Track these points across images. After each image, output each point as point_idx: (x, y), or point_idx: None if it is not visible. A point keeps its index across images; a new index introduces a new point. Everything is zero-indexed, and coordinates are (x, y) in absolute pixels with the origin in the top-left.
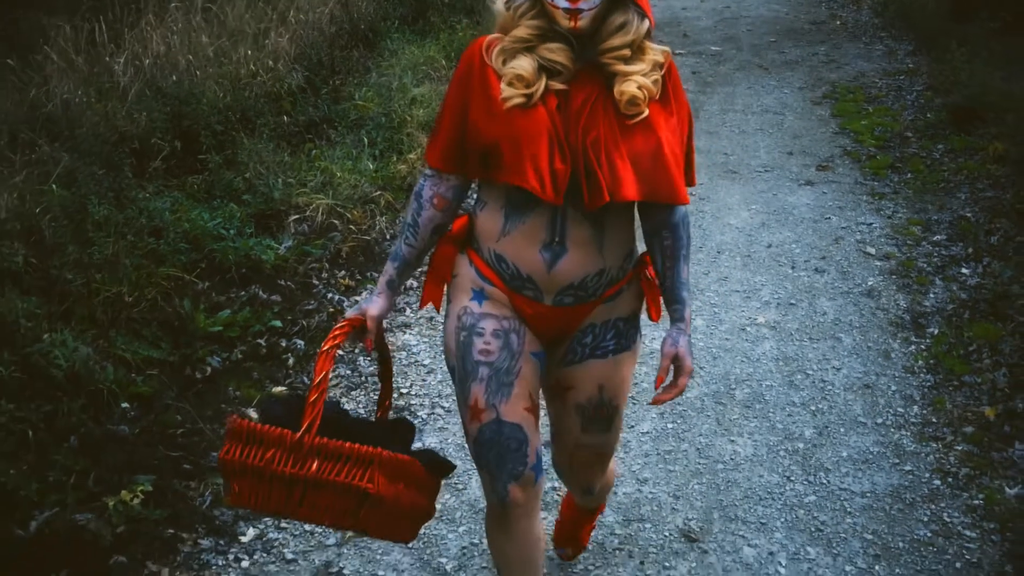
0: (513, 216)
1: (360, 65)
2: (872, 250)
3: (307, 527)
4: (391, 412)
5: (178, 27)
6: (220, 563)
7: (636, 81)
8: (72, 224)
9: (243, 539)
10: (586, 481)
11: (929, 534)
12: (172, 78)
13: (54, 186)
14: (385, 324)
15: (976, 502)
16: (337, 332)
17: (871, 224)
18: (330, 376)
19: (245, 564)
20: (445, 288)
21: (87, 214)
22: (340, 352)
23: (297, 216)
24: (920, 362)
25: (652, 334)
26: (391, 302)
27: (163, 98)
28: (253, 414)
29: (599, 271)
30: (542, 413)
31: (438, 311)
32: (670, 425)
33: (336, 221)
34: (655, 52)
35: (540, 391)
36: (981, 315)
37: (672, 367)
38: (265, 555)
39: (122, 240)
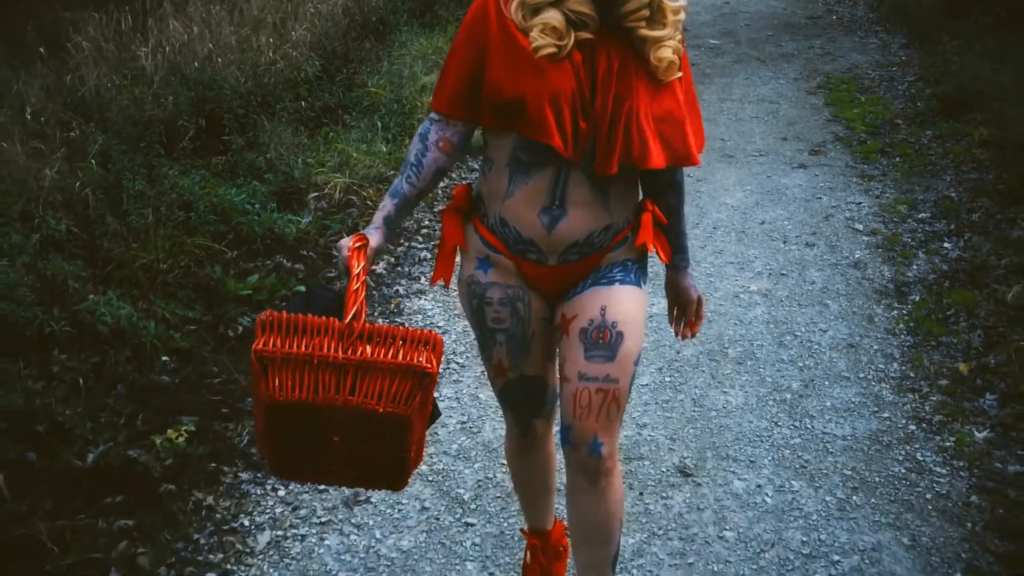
0: (517, 176)
1: (372, 54)
2: (860, 226)
3: None
4: None
5: (200, 17)
6: (258, 492)
7: (671, 46)
8: (108, 198)
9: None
10: (589, 429)
11: (903, 471)
12: (195, 65)
13: (92, 162)
14: (401, 291)
15: (947, 444)
16: (358, 243)
17: (860, 203)
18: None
19: (281, 493)
20: (457, 259)
21: (122, 188)
22: None
23: (316, 194)
24: (901, 325)
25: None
26: (387, 239)
27: (187, 83)
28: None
29: (605, 226)
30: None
31: (447, 287)
32: (667, 379)
33: (353, 198)
34: (674, 11)
35: (556, 347)
36: (960, 284)
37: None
38: (299, 485)
39: (155, 213)
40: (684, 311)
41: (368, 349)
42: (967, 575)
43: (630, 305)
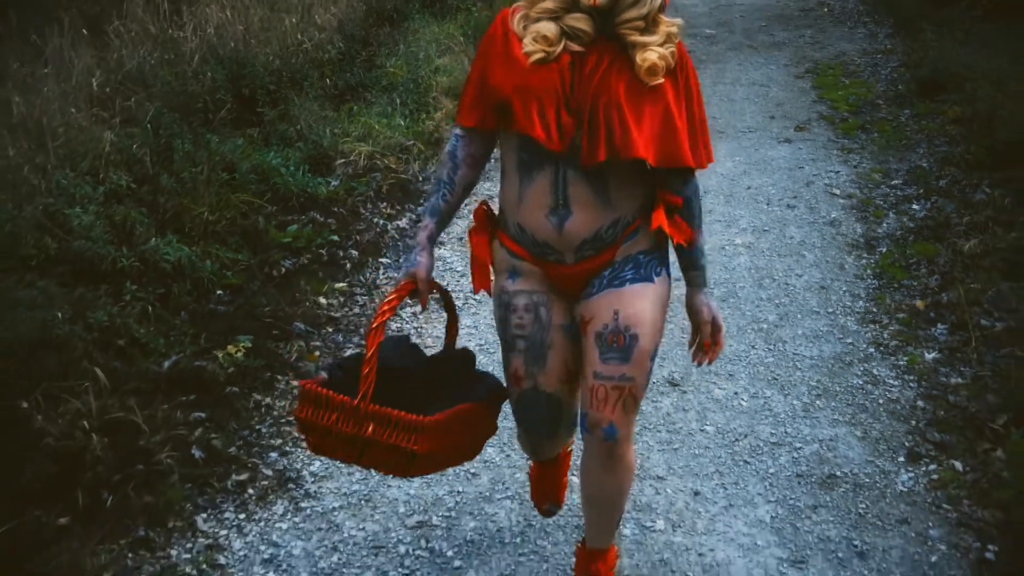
0: (524, 179)
1: (389, 38)
2: (837, 191)
3: None
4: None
5: (232, 3)
6: None
7: (656, 51)
8: (161, 158)
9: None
10: (604, 418)
11: (861, 382)
12: (231, 45)
13: (148, 127)
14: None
15: (901, 363)
16: (385, 308)
17: (838, 172)
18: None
19: None
20: (491, 271)
21: (172, 151)
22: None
23: (343, 160)
24: (868, 271)
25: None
26: (433, 255)
27: (222, 62)
28: (323, 374)
29: (612, 222)
30: None
31: (490, 295)
32: None
33: (377, 163)
34: (668, 24)
35: (574, 358)
36: (923, 238)
37: (713, 330)
38: None
39: (203, 172)
40: (698, 332)
41: (371, 427)
42: (909, 459)
43: (642, 304)
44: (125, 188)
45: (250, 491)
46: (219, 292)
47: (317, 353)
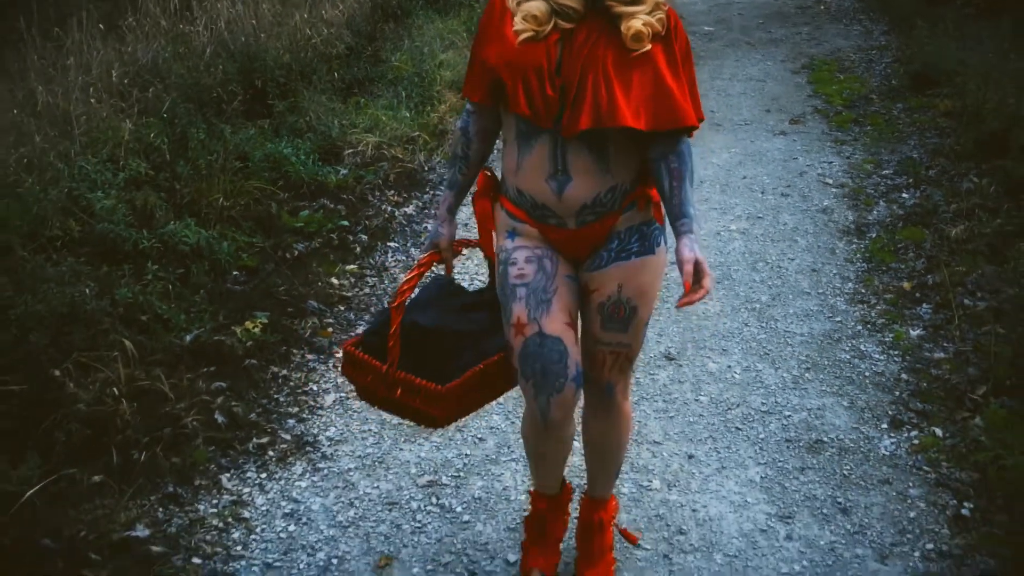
0: (523, 147)
1: (394, 34)
2: (830, 181)
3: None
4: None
5: None
6: (322, 368)
7: (641, 19)
8: (177, 147)
9: (337, 354)
10: (603, 378)
11: (848, 357)
12: (241, 39)
13: (165, 116)
14: (429, 227)
15: (887, 339)
16: (405, 287)
17: (831, 162)
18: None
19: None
20: (494, 235)
21: (188, 139)
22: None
23: (351, 150)
24: (858, 255)
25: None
26: (454, 224)
27: (232, 56)
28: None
29: (610, 188)
30: None
31: (494, 261)
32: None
33: (384, 152)
34: None
35: (578, 311)
36: (912, 224)
37: (694, 272)
38: None
39: (217, 160)
40: (686, 276)
41: (399, 391)
42: (892, 426)
43: (645, 278)
44: (144, 175)
45: (270, 453)
46: (235, 273)
47: (330, 329)
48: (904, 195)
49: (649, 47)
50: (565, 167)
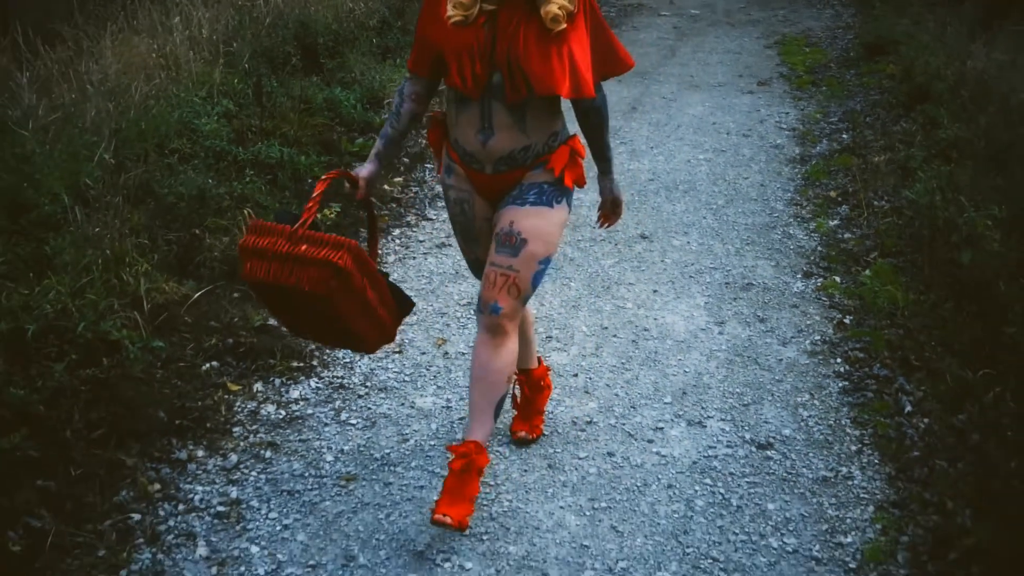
0: (460, 109)
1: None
2: (784, 126)
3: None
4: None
5: None
6: (385, 239)
7: (557, 3)
8: (254, 91)
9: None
10: (492, 297)
11: (779, 237)
12: (295, 11)
13: (246, 65)
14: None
15: (811, 227)
16: (335, 173)
17: (788, 113)
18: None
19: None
20: (443, 152)
21: (262, 85)
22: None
23: (390, 99)
24: (799, 176)
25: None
26: (378, 169)
27: (287, 24)
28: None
29: (524, 147)
30: None
31: (439, 174)
32: (636, 198)
33: None
34: None
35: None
36: (846, 154)
37: (612, 205)
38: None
39: (287, 102)
40: (602, 206)
41: (304, 247)
42: (804, 276)
43: (534, 221)
44: (232, 111)
45: None
46: (310, 180)
47: (386, 215)
48: (844, 136)
49: (565, 26)
50: (491, 124)
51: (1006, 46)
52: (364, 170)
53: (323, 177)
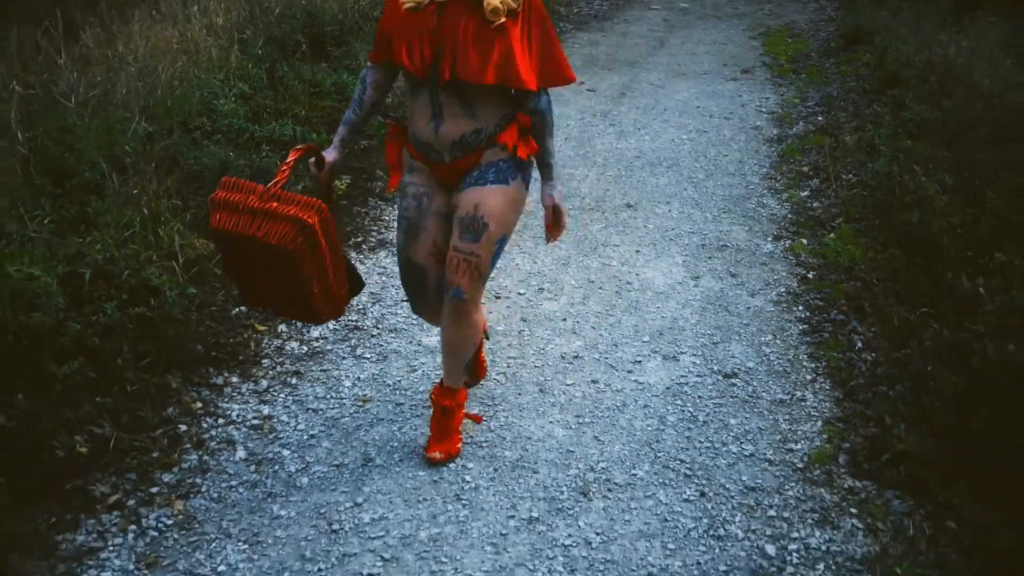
0: (415, 95)
1: None
2: (764, 110)
3: None
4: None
5: None
6: (389, 210)
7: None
8: (267, 76)
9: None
10: (454, 281)
11: (753, 206)
12: (303, 2)
13: (260, 51)
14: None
15: (783, 198)
16: (311, 145)
17: (768, 98)
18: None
19: None
20: (404, 155)
21: (274, 71)
22: None
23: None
24: (775, 153)
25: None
26: (341, 154)
27: (296, 15)
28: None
29: (475, 130)
30: None
31: (393, 192)
32: (623, 172)
33: None
34: None
35: (444, 239)
36: (820, 134)
37: (554, 214)
38: None
39: (298, 86)
40: (545, 215)
41: (274, 204)
42: (774, 238)
43: (496, 201)
44: (248, 93)
45: (369, 242)
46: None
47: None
48: (819, 118)
49: (504, 20)
50: (440, 111)
51: (976, 35)
52: (328, 154)
53: (297, 147)
